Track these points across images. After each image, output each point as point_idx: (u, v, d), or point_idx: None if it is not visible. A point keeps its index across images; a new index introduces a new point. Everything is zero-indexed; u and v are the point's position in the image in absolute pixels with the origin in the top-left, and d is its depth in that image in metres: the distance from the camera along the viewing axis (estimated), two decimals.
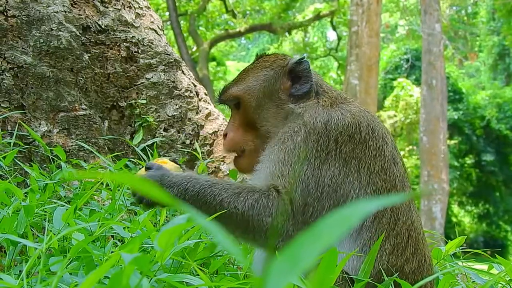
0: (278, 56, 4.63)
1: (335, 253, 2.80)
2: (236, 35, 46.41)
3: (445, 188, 31.37)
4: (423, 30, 32.91)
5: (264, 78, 4.43)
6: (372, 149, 3.96)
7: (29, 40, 6.27)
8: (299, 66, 4.33)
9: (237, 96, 4.48)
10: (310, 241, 1.02)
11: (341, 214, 1.06)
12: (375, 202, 1.08)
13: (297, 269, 0.99)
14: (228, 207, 3.72)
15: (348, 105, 4.15)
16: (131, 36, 7.09)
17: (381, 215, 3.83)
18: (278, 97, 4.34)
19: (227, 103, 4.65)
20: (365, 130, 3.99)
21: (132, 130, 6.95)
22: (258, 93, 4.39)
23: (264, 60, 4.60)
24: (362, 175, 3.88)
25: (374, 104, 27.79)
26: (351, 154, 3.89)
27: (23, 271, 2.77)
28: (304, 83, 4.30)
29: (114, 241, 4.13)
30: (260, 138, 4.33)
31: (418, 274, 3.86)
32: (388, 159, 4.00)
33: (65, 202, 4.77)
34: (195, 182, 3.82)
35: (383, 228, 3.81)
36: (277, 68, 4.44)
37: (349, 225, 1.02)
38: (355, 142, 3.93)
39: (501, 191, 50.92)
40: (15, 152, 5.23)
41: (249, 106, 4.41)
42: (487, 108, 49.36)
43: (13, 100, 6.04)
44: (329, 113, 4.03)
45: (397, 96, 47.84)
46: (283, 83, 4.36)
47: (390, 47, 55.44)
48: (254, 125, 4.38)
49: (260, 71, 4.50)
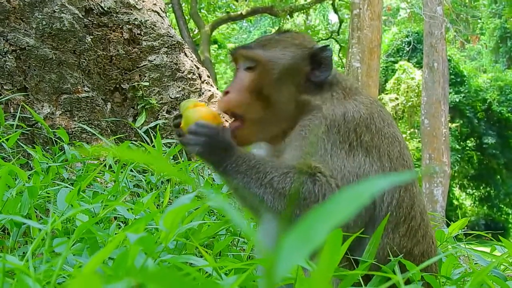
0: (305, 37, 4.50)
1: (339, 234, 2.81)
2: (238, 18, 46.22)
3: (447, 171, 31.40)
4: (425, 13, 32.84)
5: (292, 55, 4.22)
6: (387, 136, 3.96)
7: (32, 22, 6.26)
8: (322, 53, 4.21)
9: (260, 60, 4.20)
10: (322, 218, 1.02)
11: (353, 191, 1.06)
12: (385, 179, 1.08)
13: (310, 246, 0.99)
14: (275, 187, 3.71)
15: (360, 96, 4.12)
16: (133, 18, 7.07)
17: (401, 200, 3.84)
18: (296, 78, 4.19)
19: (242, 61, 4.30)
20: (378, 119, 3.99)
21: (135, 112, 6.94)
22: (283, 67, 4.17)
23: (293, 37, 4.39)
24: (385, 162, 3.88)
25: (375, 87, 27.74)
26: (371, 143, 3.88)
27: (27, 252, 2.77)
28: (324, 71, 4.19)
29: (118, 223, 4.14)
30: (270, 113, 4.12)
31: (427, 257, 3.87)
32: (402, 145, 4.02)
33: (68, 184, 4.77)
34: (252, 158, 3.78)
35: (403, 213, 3.82)
36: (304, 49, 4.27)
37: (360, 202, 1.02)
38: (372, 132, 3.92)
39: (502, 174, 50.96)
40: (18, 134, 5.23)
41: (270, 76, 4.16)
42: (488, 91, 49.32)
43: (16, 82, 6.03)
44: (344, 105, 4.00)
45: (398, 79, 47.79)
46: (303, 66, 4.27)
47: (391, 30, 55.30)
48: (266, 97, 4.14)
49: (290, 47, 4.28)
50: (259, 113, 4.11)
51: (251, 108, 4.11)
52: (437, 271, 3.95)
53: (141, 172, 5.93)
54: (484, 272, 3.15)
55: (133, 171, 5.59)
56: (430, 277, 3.47)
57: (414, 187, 3.95)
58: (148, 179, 5.48)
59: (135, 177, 5.56)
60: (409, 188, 3.90)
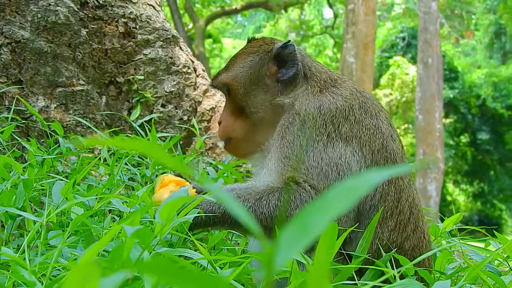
0: (265, 40, 4.59)
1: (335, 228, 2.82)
2: (232, 12, 46.21)
3: (440, 166, 31.45)
4: (420, 9, 32.87)
5: (250, 64, 4.41)
6: (369, 128, 3.96)
7: (27, 15, 6.25)
8: (284, 50, 4.31)
9: (226, 83, 4.48)
10: (319, 211, 1.03)
11: (350, 184, 1.06)
12: (382, 172, 1.09)
13: (307, 238, 0.99)
14: (255, 215, 3.75)
15: (338, 88, 4.13)
16: (129, 12, 7.06)
17: (386, 194, 3.84)
18: (264, 83, 4.34)
19: (219, 89, 4.72)
20: (358, 111, 3.99)
21: (130, 106, 6.94)
22: (244, 80, 4.38)
23: (251, 46, 4.57)
24: (365, 153, 3.88)
25: (370, 82, 27.78)
26: (350, 134, 3.89)
27: (22, 244, 2.77)
28: (290, 67, 4.28)
29: (112, 216, 4.14)
30: (252, 125, 4.35)
31: (417, 251, 3.89)
32: (386, 136, 4.01)
33: (63, 177, 4.77)
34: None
35: (389, 207, 3.82)
36: (262, 53, 4.42)
37: (357, 194, 1.03)
38: (351, 122, 3.93)
39: (496, 170, 51.05)
40: (13, 126, 5.23)
41: (237, 93, 4.41)
42: (482, 86, 49.36)
43: (11, 75, 6.03)
44: (320, 99, 4.03)
45: (393, 75, 47.81)
46: (269, 68, 4.35)
47: (386, 25, 55.28)
48: (244, 112, 4.39)
49: (247, 57, 4.47)
50: (244, 129, 4.37)
51: (234, 129, 4.41)
52: (431, 265, 3.96)
53: (136, 165, 5.93)
54: (479, 267, 3.16)
55: (128, 164, 5.59)
56: (424, 272, 3.49)
57: (400, 180, 3.94)
58: (143, 173, 5.48)
59: (130, 171, 5.56)
60: (393, 182, 3.90)
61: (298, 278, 2.81)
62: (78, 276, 1.11)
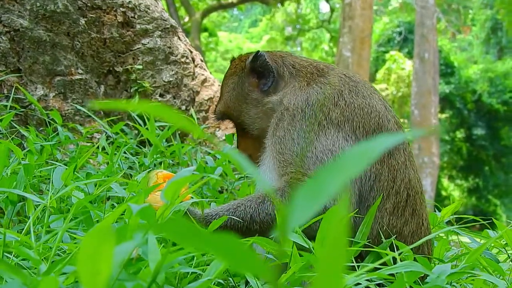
0: (241, 58, 4.74)
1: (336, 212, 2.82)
2: (229, 5, 46.17)
3: (436, 161, 31.50)
4: (417, 3, 32.93)
5: (233, 86, 4.60)
6: (362, 107, 3.97)
7: (26, 4, 6.24)
8: (255, 63, 4.44)
9: (222, 112, 4.70)
10: (333, 173, 1.04)
11: (363, 147, 1.07)
12: (393, 137, 1.09)
13: (321, 200, 1.00)
14: (260, 219, 3.76)
15: (326, 77, 4.17)
16: (127, 1, 7.06)
17: (379, 173, 3.84)
18: (251, 98, 4.48)
19: (222, 120, 4.85)
20: (349, 95, 4.01)
21: (128, 95, 6.94)
22: (233, 103, 4.56)
23: (230, 68, 4.75)
24: (359, 135, 3.89)
25: (366, 76, 27.79)
26: (342, 118, 3.90)
27: (26, 226, 2.78)
28: (268, 76, 4.40)
29: (112, 203, 4.15)
30: (258, 137, 4.45)
31: (416, 237, 3.88)
32: (382, 115, 4.01)
33: (62, 164, 4.77)
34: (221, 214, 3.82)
35: (383, 187, 3.82)
36: (240, 72, 4.59)
37: (371, 157, 1.04)
38: (341, 107, 3.95)
39: (491, 165, 51.06)
40: (11, 115, 5.22)
41: (233, 116, 4.61)
42: (478, 82, 49.35)
43: (10, 64, 6.02)
44: (307, 91, 4.07)
45: (389, 69, 47.79)
46: (250, 83, 4.50)
47: (383, 20, 55.29)
48: (246, 131, 4.56)
49: (229, 80, 4.66)
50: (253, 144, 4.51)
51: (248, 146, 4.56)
52: (430, 254, 3.96)
53: (134, 154, 5.94)
54: (477, 252, 3.17)
55: (126, 153, 5.60)
56: (423, 259, 3.49)
57: (393, 159, 3.93)
58: (142, 161, 5.49)
59: (128, 159, 5.57)
60: (385, 161, 3.90)
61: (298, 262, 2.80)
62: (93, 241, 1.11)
